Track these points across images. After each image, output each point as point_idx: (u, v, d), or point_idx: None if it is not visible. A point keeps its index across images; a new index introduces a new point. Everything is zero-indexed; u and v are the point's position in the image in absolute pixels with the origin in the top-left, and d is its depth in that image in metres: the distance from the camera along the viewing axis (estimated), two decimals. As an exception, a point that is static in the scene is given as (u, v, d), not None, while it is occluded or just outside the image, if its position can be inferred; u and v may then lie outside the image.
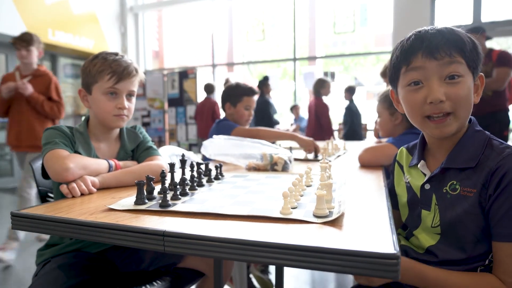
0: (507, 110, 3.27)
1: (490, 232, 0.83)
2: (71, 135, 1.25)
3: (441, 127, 0.87)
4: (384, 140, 1.85)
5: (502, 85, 3.11)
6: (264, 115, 5.17)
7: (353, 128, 5.29)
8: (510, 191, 0.79)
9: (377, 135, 2.36)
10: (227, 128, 2.12)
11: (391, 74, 0.96)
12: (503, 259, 0.80)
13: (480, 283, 0.82)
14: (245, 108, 2.22)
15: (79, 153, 1.22)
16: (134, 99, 1.34)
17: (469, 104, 0.87)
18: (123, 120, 1.30)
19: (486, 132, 0.90)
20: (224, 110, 2.30)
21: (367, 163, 1.60)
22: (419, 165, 0.99)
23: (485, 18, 5.33)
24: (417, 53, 0.86)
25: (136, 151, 1.38)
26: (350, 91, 5.49)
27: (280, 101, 5.16)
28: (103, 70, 1.25)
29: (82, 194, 1.05)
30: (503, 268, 0.80)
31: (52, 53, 6.67)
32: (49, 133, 1.21)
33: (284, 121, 8.99)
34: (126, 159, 1.34)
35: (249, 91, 2.23)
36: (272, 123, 5.21)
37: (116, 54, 1.30)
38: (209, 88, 5.74)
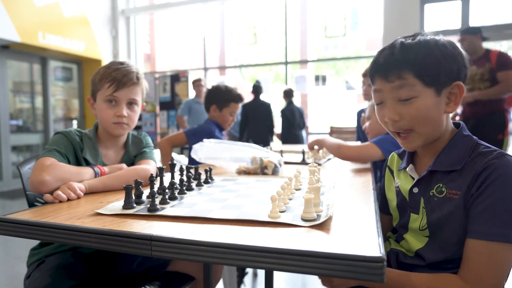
0: (503, 111, 3.18)
1: None
2: (79, 141, 1.26)
3: (406, 143, 0.93)
4: None
5: (510, 88, 3.06)
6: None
7: (291, 131, 5.40)
8: (490, 191, 0.80)
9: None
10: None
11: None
12: (471, 256, 0.80)
13: (441, 283, 0.83)
14: (230, 114, 2.27)
15: (86, 160, 1.24)
16: (136, 108, 1.35)
17: (429, 120, 0.88)
18: (123, 128, 1.32)
19: (474, 137, 0.91)
20: (208, 111, 2.32)
21: (349, 159, 1.66)
22: (407, 169, 1.00)
23: (473, 22, 5.41)
24: (375, 76, 0.92)
25: (137, 156, 1.41)
26: (287, 94, 5.58)
27: (272, 104, 5.24)
28: (103, 78, 1.28)
29: (69, 200, 1.04)
30: (468, 265, 0.81)
31: (43, 56, 6.61)
32: (54, 139, 1.24)
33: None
34: (128, 165, 1.35)
35: (238, 98, 2.27)
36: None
37: (122, 63, 1.33)
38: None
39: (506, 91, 3.07)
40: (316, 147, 1.91)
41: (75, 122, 7.47)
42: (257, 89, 5.34)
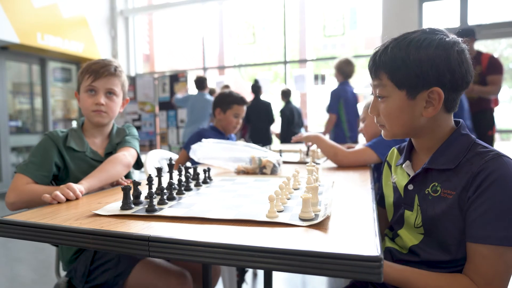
0: (492, 110, 3.45)
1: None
2: (63, 137, 1.36)
3: (383, 132, 1.00)
4: None
5: (498, 91, 3.32)
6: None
7: (291, 130, 5.45)
8: (488, 193, 0.79)
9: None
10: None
11: None
12: (476, 261, 0.80)
13: (452, 283, 0.82)
14: (234, 116, 2.31)
15: (72, 148, 1.35)
16: (115, 98, 1.42)
17: (397, 120, 0.92)
18: (102, 116, 1.40)
19: (472, 136, 0.90)
20: (214, 114, 2.37)
21: (346, 165, 1.67)
22: (404, 165, 1.00)
23: (472, 21, 5.41)
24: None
25: (119, 144, 1.48)
26: (285, 94, 5.64)
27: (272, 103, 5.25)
28: (84, 71, 1.39)
29: (68, 200, 1.04)
30: (476, 269, 0.80)
31: (41, 57, 6.60)
32: (37, 146, 1.32)
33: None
34: (112, 150, 1.44)
35: (240, 100, 2.32)
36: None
37: (104, 59, 1.41)
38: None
39: (493, 93, 3.34)
40: (309, 143, 1.93)
41: (74, 123, 7.45)
42: (256, 89, 5.34)
